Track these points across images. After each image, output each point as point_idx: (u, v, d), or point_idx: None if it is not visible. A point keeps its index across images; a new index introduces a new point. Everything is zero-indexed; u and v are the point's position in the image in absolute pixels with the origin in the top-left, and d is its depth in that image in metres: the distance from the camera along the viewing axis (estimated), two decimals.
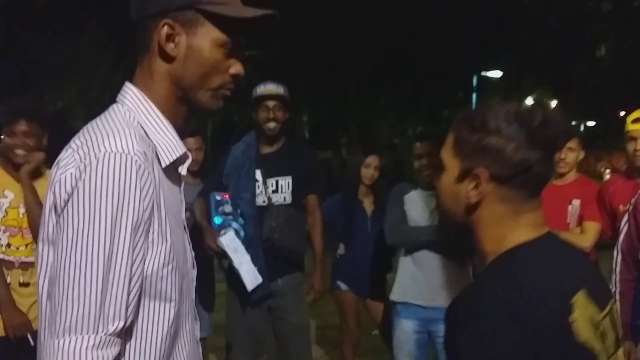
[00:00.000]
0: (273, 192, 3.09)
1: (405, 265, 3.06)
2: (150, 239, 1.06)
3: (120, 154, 1.01)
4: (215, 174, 3.23)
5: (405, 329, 3.03)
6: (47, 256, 1.06)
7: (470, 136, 1.08)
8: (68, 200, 1.00)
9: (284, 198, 3.11)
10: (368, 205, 3.75)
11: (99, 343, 0.97)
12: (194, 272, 1.26)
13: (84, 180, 0.99)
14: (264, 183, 3.08)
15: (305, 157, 3.25)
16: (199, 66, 1.14)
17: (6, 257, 2.57)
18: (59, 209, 1.02)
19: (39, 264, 1.08)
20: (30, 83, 13.92)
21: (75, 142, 1.07)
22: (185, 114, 1.20)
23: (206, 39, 1.13)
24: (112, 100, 1.19)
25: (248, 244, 3.00)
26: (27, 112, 2.59)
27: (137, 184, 1.02)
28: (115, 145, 1.02)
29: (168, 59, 1.14)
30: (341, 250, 3.73)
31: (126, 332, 1.05)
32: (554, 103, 21.17)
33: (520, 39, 12.43)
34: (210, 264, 3.40)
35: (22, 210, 2.60)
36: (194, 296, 1.25)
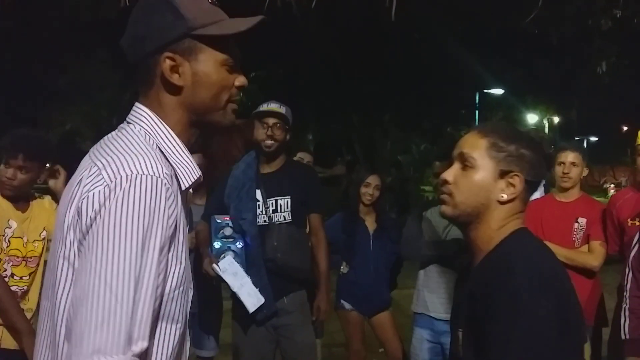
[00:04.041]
0: (273, 211, 3.10)
1: (420, 278, 3.30)
2: (167, 260, 1.07)
3: (151, 176, 1.03)
4: (216, 194, 3.23)
5: (419, 337, 3.27)
6: (66, 273, 1.05)
7: (507, 145, 1.34)
8: (95, 218, 1.00)
9: (284, 217, 3.12)
10: (370, 223, 3.79)
11: None
12: (191, 293, 1.29)
13: (116, 199, 0.99)
14: (264, 203, 3.10)
15: (304, 177, 3.24)
16: (209, 89, 1.15)
17: (10, 287, 2.51)
18: (84, 226, 1.01)
19: (58, 280, 1.06)
20: (39, 105, 14.10)
21: (100, 160, 1.06)
22: (196, 135, 1.21)
23: (209, 62, 1.14)
24: (120, 121, 1.21)
25: (250, 264, 3.01)
26: (28, 147, 2.52)
27: (165, 206, 1.03)
28: (145, 167, 1.03)
29: (176, 90, 1.15)
30: (344, 268, 3.75)
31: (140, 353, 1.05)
32: (556, 119, 21.17)
33: (521, 57, 12.53)
34: (217, 283, 3.45)
35: (25, 239, 2.58)
36: (188, 317, 1.28)
